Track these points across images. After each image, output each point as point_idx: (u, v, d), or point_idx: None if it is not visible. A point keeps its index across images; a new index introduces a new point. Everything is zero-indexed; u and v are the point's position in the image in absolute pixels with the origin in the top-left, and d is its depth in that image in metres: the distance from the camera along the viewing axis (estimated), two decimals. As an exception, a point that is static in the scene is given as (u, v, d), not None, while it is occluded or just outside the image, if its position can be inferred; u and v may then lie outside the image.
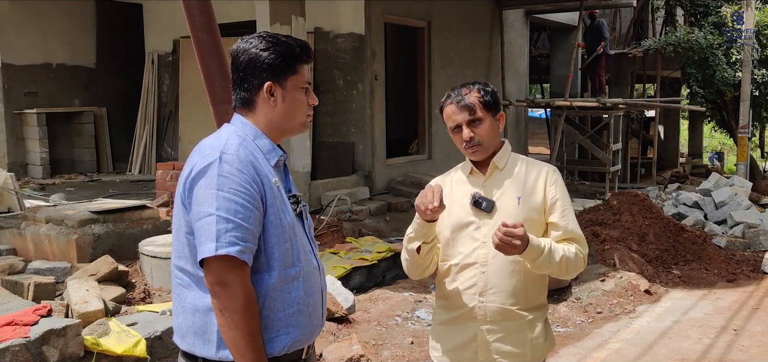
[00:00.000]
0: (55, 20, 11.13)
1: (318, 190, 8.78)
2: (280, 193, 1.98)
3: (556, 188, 2.43)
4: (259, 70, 2.00)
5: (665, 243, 7.88)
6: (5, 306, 4.76)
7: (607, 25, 16.60)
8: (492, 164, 2.47)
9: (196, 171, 1.92)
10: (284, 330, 1.97)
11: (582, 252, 2.41)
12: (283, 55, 2.01)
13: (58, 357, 4.29)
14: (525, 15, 14.05)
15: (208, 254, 1.84)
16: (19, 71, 10.71)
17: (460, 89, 2.48)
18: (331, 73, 9.84)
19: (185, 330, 1.99)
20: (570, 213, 2.43)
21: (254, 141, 2.01)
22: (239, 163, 1.90)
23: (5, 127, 10.59)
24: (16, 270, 6.00)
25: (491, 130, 2.44)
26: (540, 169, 2.47)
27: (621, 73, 16.03)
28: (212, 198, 1.86)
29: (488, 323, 2.44)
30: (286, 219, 1.97)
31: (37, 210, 6.91)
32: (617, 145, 13.37)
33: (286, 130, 2.09)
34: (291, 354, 2.01)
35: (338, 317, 5.30)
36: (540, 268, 2.37)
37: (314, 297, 2.07)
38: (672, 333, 5.52)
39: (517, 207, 2.40)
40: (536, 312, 2.46)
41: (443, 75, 11.24)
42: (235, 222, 1.85)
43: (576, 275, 2.54)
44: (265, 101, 2.02)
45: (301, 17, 8.46)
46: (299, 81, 2.04)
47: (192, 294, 1.96)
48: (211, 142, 1.98)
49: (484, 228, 2.42)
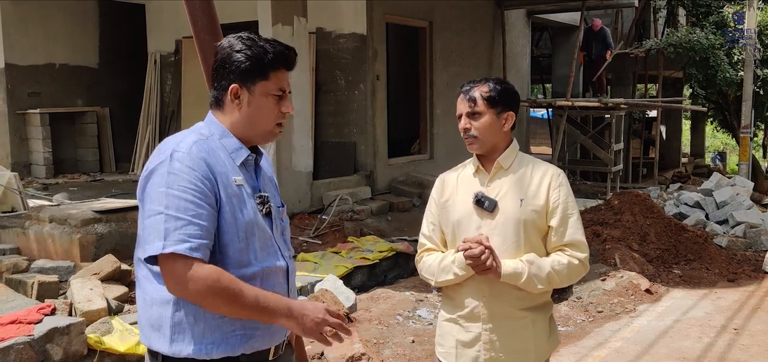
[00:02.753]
0: (59, 21, 11.17)
1: (320, 190, 8.81)
2: (240, 192, 1.95)
3: (560, 192, 2.42)
4: (228, 72, 1.97)
5: (666, 242, 7.89)
6: (9, 305, 4.79)
7: (610, 24, 16.63)
8: (497, 164, 2.47)
9: (149, 169, 1.90)
10: (240, 330, 1.94)
11: (578, 259, 2.40)
12: (254, 58, 1.96)
13: (62, 355, 4.33)
14: (526, 15, 14.07)
15: (155, 252, 1.81)
16: (23, 71, 10.76)
17: (475, 81, 2.50)
18: (333, 73, 9.87)
19: (144, 324, 1.97)
20: (572, 218, 2.42)
21: (220, 139, 1.98)
22: (190, 160, 1.87)
23: (9, 127, 10.63)
24: (20, 269, 6.04)
25: (490, 126, 2.43)
26: (545, 172, 2.46)
27: (623, 73, 16.03)
28: (161, 196, 1.84)
29: (491, 323, 2.45)
30: (242, 219, 1.94)
31: (41, 209, 6.94)
32: (619, 145, 13.38)
33: (251, 137, 2.04)
34: (251, 354, 1.98)
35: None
36: (528, 289, 2.38)
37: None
38: (672, 332, 5.54)
39: (518, 209, 2.41)
40: (539, 312, 2.48)
41: (445, 75, 11.27)
42: (185, 219, 1.82)
43: (576, 281, 2.55)
44: (231, 103, 1.99)
45: (303, 17, 8.50)
46: (270, 87, 1.99)
47: (151, 286, 1.93)
48: (170, 140, 1.96)
49: (486, 227, 2.44)
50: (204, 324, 1.90)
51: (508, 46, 13.03)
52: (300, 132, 8.48)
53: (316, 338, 1.94)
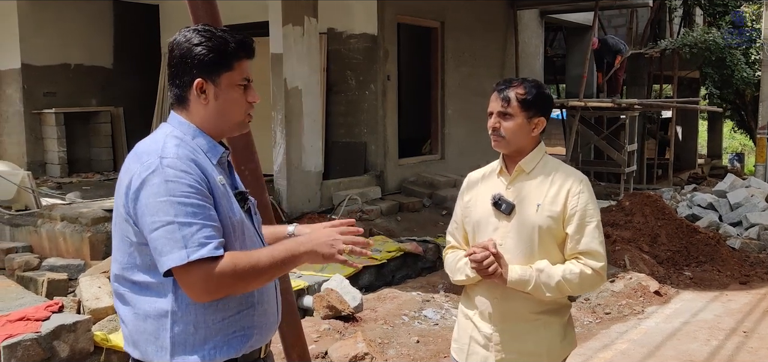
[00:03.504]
0: (74, 22, 11.28)
1: (330, 190, 8.83)
2: (226, 191, 1.93)
3: (579, 200, 2.39)
4: (190, 66, 1.90)
5: (678, 244, 7.83)
6: (18, 302, 4.86)
7: (625, 24, 16.51)
8: (518, 167, 2.47)
9: (138, 181, 1.82)
10: (239, 331, 1.93)
11: (592, 268, 2.36)
12: (216, 50, 1.90)
13: (69, 352, 4.38)
14: (540, 15, 14.01)
15: (180, 262, 1.76)
16: (39, 72, 10.87)
17: (510, 82, 2.48)
18: (344, 73, 9.89)
19: (137, 338, 1.91)
20: (590, 226, 2.38)
21: (193, 140, 1.93)
22: (182, 163, 1.83)
23: (25, 126, 10.74)
24: (31, 267, 6.13)
25: (519, 129, 2.42)
26: (567, 178, 2.43)
27: (638, 73, 15.92)
28: (166, 206, 1.78)
29: (502, 324, 2.46)
30: (235, 217, 1.92)
31: (53, 208, 7.02)
32: (633, 145, 13.29)
33: (223, 130, 1.99)
34: (249, 354, 1.98)
35: (345, 315, 5.34)
36: (537, 295, 2.38)
37: (267, 295, 2.03)
38: (680, 334, 5.49)
39: (535, 214, 2.40)
40: (553, 315, 2.47)
41: (457, 75, 11.25)
42: (198, 223, 1.79)
43: (591, 291, 2.53)
44: (197, 99, 1.93)
45: (314, 18, 8.52)
46: (235, 78, 1.93)
47: (142, 300, 1.89)
48: (148, 146, 1.89)
49: (502, 229, 2.45)
50: (204, 330, 1.88)
51: (520, 46, 12.98)
52: (310, 132, 8.51)
53: (336, 260, 1.92)
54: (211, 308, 1.88)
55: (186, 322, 1.86)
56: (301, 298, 5.86)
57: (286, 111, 8.21)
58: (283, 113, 8.20)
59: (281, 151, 8.24)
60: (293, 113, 8.28)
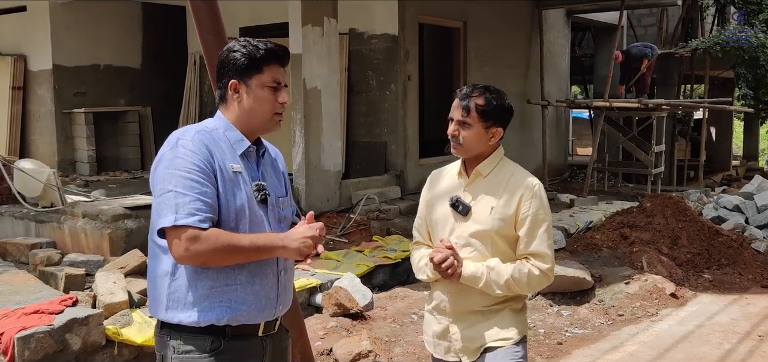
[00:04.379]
0: (104, 23, 11.54)
1: (348, 189, 8.89)
2: (236, 178, 2.20)
3: (530, 204, 2.50)
4: (228, 70, 2.25)
5: (699, 246, 7.70)
6: (35, 296, 5.01)
7: (655, 23, 16.27)
8: (475, 171, 2.58)
9: (160, 155, 2.19)
10: (226, 302, 2.18)
11: (540, 269, 2.49)
12: (248, 55, 2.22)
13: (81, 345, 4.51)
14: (566, 15, 13.89)
15: (168, 224, 2.06)
16: (69, 72, 11.16)
17: (473, 88, 2.59)
18: (365, 73, 9.94)
19: (151, 297, 2.26)
20: (540, 229, 2.51)
21: (225, 132, 2.25)
22: (193, 145, 2.14)
23: (56, 126, 11.04)
24: (53, 262, 6.29)
25: (477, 138, 2.54)
26: (521, 183, 2.54)
27: (668, 73, 15.65)
28: (170, 177, 2.10)
29: (457, 317, 2.59)
30: (235, 203, 2.18)
31: (76, 205, 7.21)
32: (660, 146, 13.08)
33: (253, 126, 2.29)
34: (236, 327, 2.20)
35: (353, 313, 5.39)
36: (488, 292, 2.50)
37: (263, 278, 2.25)
38: (693, 337, 5.42)
39: (488, 216, 2.52)
40: (505, 305, 2.57)
41: (480, 75, 11.22)
42: (192, 195, 2.08)
43: (538, 291, 2.63)
44: (232, 98, 2.27)
45: (333, 19, 8.58)
46: (265, 80, 2.24)
47: (157, 260, 2.22)
48: (177, 131, 2.24)
49: (458, 230, 2.57)
50: (194, 294, 2.16)
51: (545, 45, 12.89)
52: (329, 132, 8.58)
53: (302, 256, 2.19)
54: (202, 275, 2.16)
55: (180, 283, 2.17)
56: (313, 296, 5.94)
57: (305, 111, 8.29)
58: (302, 113, 8.28)
59: (300, 150, 8.33)
60: (312, 113, 8.36)
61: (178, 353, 2.18)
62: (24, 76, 11.44)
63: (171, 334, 2.19)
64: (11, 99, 11.34)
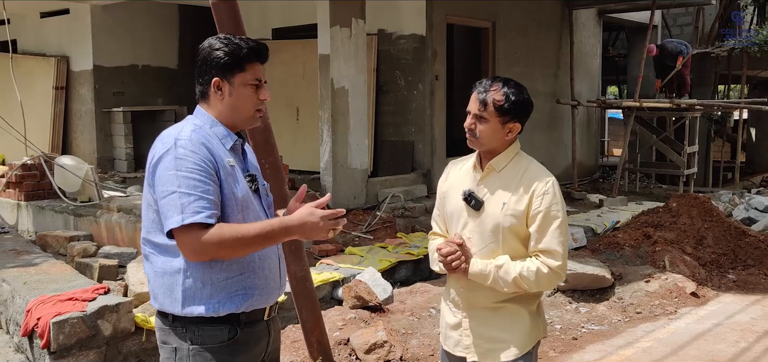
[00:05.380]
0: (142, 25, 11.92)
1: (375, 187, 9.05)
2: (233, 171, 2.26)
3: (542, 201, 2.47)
4: (210, 67, 2.28)
5: (724, 247, 7.67)
6: (71, 284, 5.28)
7: (690, 23, 16.06)
8: (489, 165, 2.56)
9: (157, 157, 2.22)
10: (241, 290, 2.26)
11: (549, 267, 2.46)
12: (231, 54, 2.26)
13: (111, 331, 4.75)
14: (598, 14, 13.83)
15: (176, 225, 2.12)
16: (109, 72, 11.56)
17: (491, 82, 2.54)
18: (394, 73, 10.09)
19: (157, 292, 2.30)
20: (552, 226, 2.47)
21: (211, 128, 2.29)
22: (192, 145, 2.18)
23: (96, 124, 11.46)
24: (89, 254, 6.60)
25: (493, 133, 2.51)
26: (535, 179, 2.51)
27: (704, 73, 15.47)
28: (173, 178, 2.14)
29: (469, 311, 2.61)
30: (238, 194, 2.25)
31: (111, 200, 7.52)
32: (693, 147, 12.95)
33: (235, 122, 2.34)
34: (250, 312, 2.30)
35: (372, 306, 5.54)
36: (496, 288, 2.50)
37: (269, 262, 2.35)
38: (709, 335, 5.44)
39: (500, 212, 2.50)
40: (519, 303, 2.57)
41: (508, 74, 11.03)
42: (196, 195, 2.13)
43: (549, 288, 2.62)
44: (214, 95, 2.30)
45: (361, 20, 8.75)
46: (247, 78, 2.29)
47: (161, 259, 2.26)
48: (171, 131, 2.28)
49: (471, 224, 2.57)
50: (210, 287, 2.23)
51: (576, 45, 12.87)
52: (356, 131, 8.75)
53: (323, 237, 2.24)
54: (216, 267, 2.22)
55: (195, 278, 2.22)
56: (336, 289, 6.11)
57: (333, 110, 8.48)
58: (330, 112, 8.47)
59: (327, 149, 8.52)
60: (339, 112, 8.54)
61: (195, 345, 2.23)
62: (66, 77, 11.89)
63: (187, 327, 2.24)
64: (54, 98, 11.80)
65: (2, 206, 8.67)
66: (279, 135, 10.75)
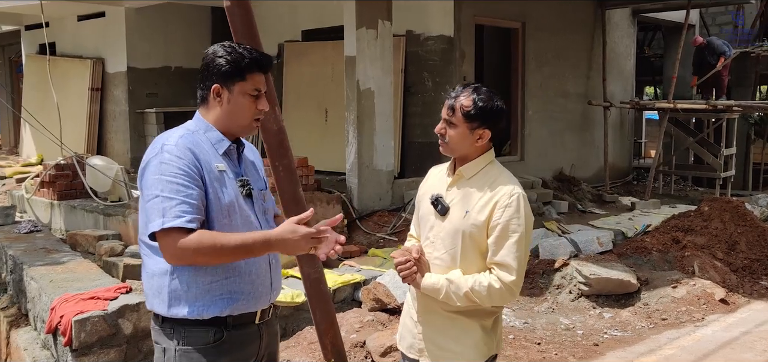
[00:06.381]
0: (175, 27, 12.12)
1: (401, 189, 9.03)
2: (222, 177, 2.29)
3: (503, 213, 2.43)
4: (211, 73, 2.32)
5: (758, 252, 7.47)
6: (95, 283, 5.39)
7: (729, 21, 15.68)
8: (458, 172, 2.55)
9: (145, 161, 2.28)
10: (226, 294, 2.28)
11: (502, 282, 2.41)
12: (232, 62, 2.29)
13: (132, 330, 4.82)
14: (632, 14, 13.59)
15: (157, 228, 2.15)
16: (142, 74, 11.78)
17: (462, 88, 2.56)
18: (421, 74, 10.06)
19: (148, 292, 2.36)
20: (510, 240, 2.42)
21: (204, 133, 2.33)
22: (178, 150, 2.22)
23: (129, 125, 11.69)
24: (115, 253, 6.71)
25: (461, 138, 2.51)
26: (499, 190, 2.47)
27: (743, 74, 15.08)
28: (157, 183, 2.18)
29: (423, 317, 2.60)
30: (225, 199, 2.27)
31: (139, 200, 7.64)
32: (730, 149, 12.63)
33: (231, 129, 2.37)
34: (237, 316, 2.31)
35: (391, 309, 5.53)
36: (449, 302, 2.47)
37: (256, 267, 2.35)
38: (736, 343, 5.30)
39: (462, 220, 2.49)
40: (471, 317, 2.53)
41: (538, 76, 11.16)
42: (178, 199, 2.16)
43: (500, 304, 2.53)
44: (214, 101, 2.34)
45: (388, 21, 8.73)
46: (247, 87, 2.31)
47: (152, 261, 2.31)
48: (161, 136, 2.33)
49: (436, 228, 2.55)
50: (195, 289, 2.26)
51: (609, 46, 12.66)
52: (382, 132, 8.74)
53: (304, 253, 2.26)
54: (201, 271, 2.25)
55: (180, 280, 2.26)
56: (357, 291, 6.12)
57: (359, 111, 8.48)
58: (355, 114, 8.47)
59: (353, 150, 8.53)
60: (365, 114, 8.54)
61: (181, 346, 2.27)
62: (102, 78, 12.14)
63: (174, 328, 2.28)
64: (90, 99, 12.07)
65: (36, 205, 8.88)
66: (308, 136, 10.90)
